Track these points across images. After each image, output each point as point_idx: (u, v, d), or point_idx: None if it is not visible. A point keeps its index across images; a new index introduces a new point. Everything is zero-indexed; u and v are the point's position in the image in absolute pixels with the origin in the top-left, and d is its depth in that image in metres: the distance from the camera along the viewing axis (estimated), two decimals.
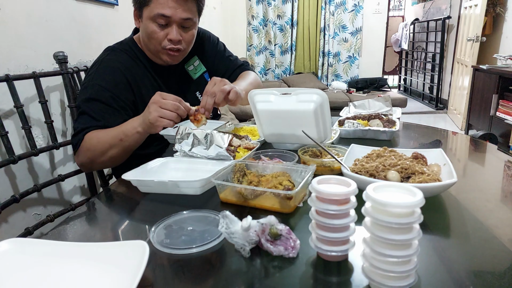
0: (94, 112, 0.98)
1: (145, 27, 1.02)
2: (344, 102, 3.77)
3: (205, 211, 0.64)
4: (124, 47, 1.11)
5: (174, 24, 1.01)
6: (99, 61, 1.07)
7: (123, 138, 0.94)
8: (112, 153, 0.95)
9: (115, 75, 1.04)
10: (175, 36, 1.02)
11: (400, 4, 7.24)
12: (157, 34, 1.01)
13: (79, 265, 0.50)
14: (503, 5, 3.69)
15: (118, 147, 0.95)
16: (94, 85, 1.01)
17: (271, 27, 4.92)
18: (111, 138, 0.94)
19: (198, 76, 1.26)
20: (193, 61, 1.26)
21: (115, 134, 0.95)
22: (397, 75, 6.68)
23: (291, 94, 0.91)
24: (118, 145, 0.94)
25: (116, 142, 0.94)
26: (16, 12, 1.17)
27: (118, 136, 0.94)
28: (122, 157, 0.99)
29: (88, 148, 0.96)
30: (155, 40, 1.03)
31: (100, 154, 0.96)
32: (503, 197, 0.72)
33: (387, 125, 1.11)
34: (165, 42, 1.03)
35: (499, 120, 3.01)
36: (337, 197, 0.47)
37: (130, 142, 0.95)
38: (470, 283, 0.45)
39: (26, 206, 1.18)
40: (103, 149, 0.95)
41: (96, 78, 1.02)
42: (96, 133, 0.96)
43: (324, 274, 0.48)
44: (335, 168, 0.79)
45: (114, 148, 0.95)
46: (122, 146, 0.95)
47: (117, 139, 0.94)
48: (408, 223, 0.41)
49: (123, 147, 0.95)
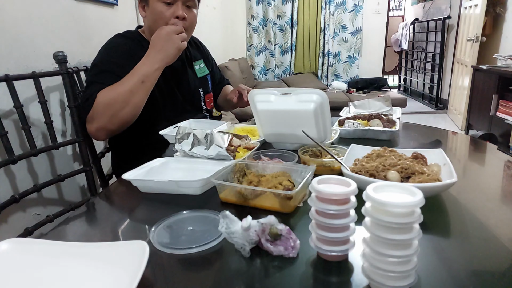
0: (102, 80, 1.02)
1: (152, 10, 1.10)
2: (344, 102, 3.76)
3: (205, 211, 0.64)
4: (130, 34, 1.20)
5: (179, 2, 1.09)
6: (107, 43, 1.15)
7: (145, 79, 0.98)
8: (136, 99, 0.99)
9: (121, 50, 1.11)
10: (181, 12, 1.09)
11: (400, 4, 7.24)
12: (164, 13, 1.09)
13: (79, 265, 0.50)
14: (503, 5, 3.69)
15: (140, 91, 0.98)
16: (101, 61, 1.09)
17: (271, 27, 4.92)
18: (131, 85, 0.97)
19: (202, 76, 1.36)
20: (200, 63, 1.37)
21: (134, 79, 0.98)
22: (397, 75, 6.68)
23: (291, 94, 0.91)
24: (141, 88, 0.98)
25: (138, 85, 0.97)
26: (16, 12, 1.17)
27: (139, 79, 0.98)
28: (143, 102, 1.02)
29: (104, 104, 0.97)
30: (163, 19, 1.09)
31: (122, 104, 0.97)
32: (503, 197, 0.72)
33: (387, 125, 1.11)
34: (172, 20, 1.10)
35: (499, 120, 3.01)
36: (337, 197, 0.47)
37: (152, 81, 1.00)
38: (470, 283, 0.45)
39: (26, 206, 1.18)
40: (125, 98, 0.97)
41: (104, 54, 1.11)
42: (110, 88, 0.98)
43: (324, 274, 0.48)
44: (335, 168, 0.79)
45: (137, 93, 0.98)
46: (145, 88, 0.99)
47: (139, 82, 0.97)
48: (408, 223, 0.41)
49: (146, 89, 1.00)
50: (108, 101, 0.97)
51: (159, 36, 1.01)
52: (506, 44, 3.67)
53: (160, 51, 1.00)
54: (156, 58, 1.00)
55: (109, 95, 0.97)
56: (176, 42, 1.01)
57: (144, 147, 1.16)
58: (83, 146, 1.23)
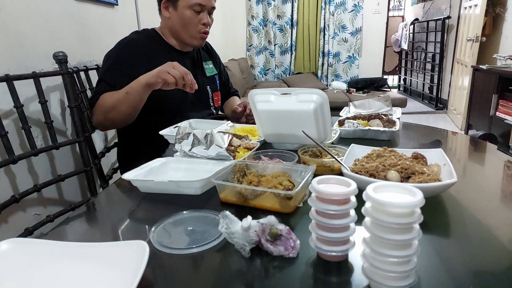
0: (111, 79, 1.14)
1: (181, 15, 1.21)
2: (344, 102, 3.76)
3: (205, 211, 0.64)
4: (146, 31, 1.29)
5: (206, 11, 1.22)
6: (123, 38, 1.24)
7: (129, 91, 1.07)
8: (121, 108, 1.09)
9: (135, 48, 1.20)
10: (208, 20, 1.23)
11: (400, 4, 7.24)
12: (193, 20, 1.21)
13: (79, 265, 0.50)
14: (503, 5, 3.69)
15: (125, 101, 1.08)
16: (115, 56, 1.19)
17: (271, 27, 4.92)
18: (119, 93, 1.09)
19: (211, 75, 1.44)
20: (209, 63, 1.46)
21: (123, 90, 1.09)
22: (397, 75, 6.68)
23: (291, 94, 0.91)
24: (125, 98, 1.08)
25: (123, 96, 1.08)
26: (16, 12, 1.17)
27: (125, 90, 1.08)
28: (129, 112, 1.11)
29: (101, 104, 1.12)
30: (192, 25, 1.22)
31: (110, 108, 1.10)
32: (503, 197, 0.72)
33: (387, 125, 1.11)
34: (199, 26, 1.23)
35: (499, 120, 3.01)
36: (337, 197, 0.47)
37: (134, 95, 1.07)
38: (470, 283, 0.45)
39: (26, 206, 1.18)
40: (113, 104, 1.09)
41: (117, 51, 1.20)
42: (110, 93, 1.12)
43: (324, 274, 0.48)
44: (335, 168, 0.79)
45: (122, 102, 1.08)
46: (128, 99, 1.07)
47: (124, 92, 1.08)
48: (408, 223, 0.41)
49: (129, 100, 1.08)
50: (102, 103, 1.11)
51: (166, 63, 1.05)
52: (506, 44, 3.67)
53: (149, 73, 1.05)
54: (145, 75, 1.05)
55: (105, 98, 1.11)
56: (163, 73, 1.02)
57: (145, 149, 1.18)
58: (83, 146, 1.23)
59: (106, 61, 1.20)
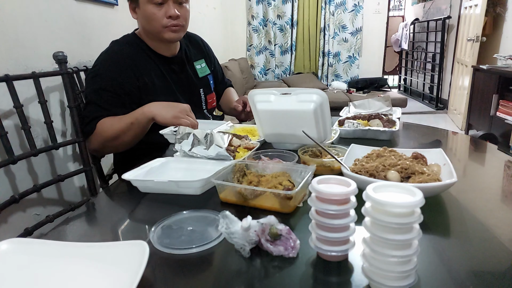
0: (102, 102, 1.07)
1: (143, 12, 1.10)
2: (344, 102, 3.76)
3: (205, 211, 0.64)
4: (126, 39, 1.19)
5: (170, 1, 1.09)
6: (104, 52, 1.15)
7: (134, 122, 1.02)
8: (124, 138, 1.04)
9: (120, 63, 1.11)
10: (173, 11, 1.09)
11: (400, 4, 7.23)
12: (156, 15, 1.09)
13: (79, 265, 0.50)
14: (503, 5, 3.69)
15: (129, 132, 1.03)
16: (101, 75, 1.09)
17: (271, 27, 4.92)
18: (122, 123, 1.03)
19: (203, 76, 1.35)
20: (201, 62, 1.36)
21: (126, 120, 1.03)
22: (397, 75, 6.67)
23: (291, 94, 0.91)
24: (129, 129, 1.03)
25: (127, 126, 1.02)
26: (16, 12, 1.17)
27: (129, 121, 1.02)
28: (133, 141, 1.07)
29: (100, 134, 1.05)
30: (155, 21, 1.10)
31: (112, 138, 1.04)
32: (503, 197, 0.72)
33: (387, 125, 1.11)
34: (164, 20, 1.10)
35: (499, 120, 3.01)
36: (337, 197, 0.47)
37: (140, 126, 1.03)
38: (470, 283, 0.45)
39: (26, 206, 1.18)
40: (115, 134, 1.04)
41: (103, 68, 1.11)
42: (108, 120, 1.05)
43: (324, 274, 0.48)
44: (335, 168, 0.79)
45: (126, 132, 1.03)
46: (133, 130, 1.03)
47: (128, 123, 1.02)
48: (408, 223, 0.41)
49: (134, 131, 1.03)
50: (101, 133, 1.05)
51: (177, 106, 1.03)
52: (506, 44, 3.67)
53: (163, 109, 1.01)
54: (156, 111, 1.01)
55: (104, 127, 1.05)
56: (178, 118, 1.00)
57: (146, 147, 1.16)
58: (83, 146, 1.23)
59: (91, 80, 1.11)
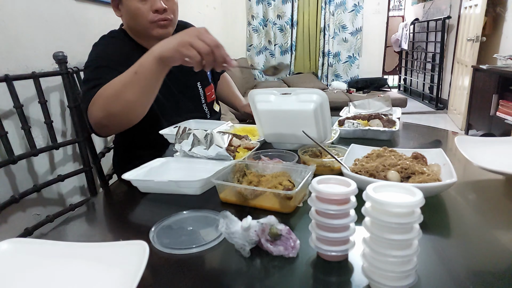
0: (100, 75, 0.92)
1: (127, 9, 1.01)
2: (344, 102, 3.76)
3: (205, 211, 0.64)
4: (116, 34, 1.11)
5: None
6: (95, 44, 1.09)
7: (138, 70, 0.79)
8: (128, 95, 0.81)
9: (113, 47, 1.04)
10: (159, 4, 0.98)
11: (400, 4, 7.23)
12: (141, 10, 0.99)
13: (79, 265, 0.50)
14: (503, 5, 3.69)
15: (133, 84, 0.80)
16: (94, 59, 1.00)
17: (271, 27, 4.92)
18: (124, 75, 0.82)
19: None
20: None
21: (129, 70, 0.81)
22: (397, 75, 6.68)
23: (291, 94, 0.91)
24: (133, 81, 0.80)
25: (130, 77, 0.80)
26: (16, 12, 1.17)
27: (133, 70, 0.80)
28: (140, 100, 0.84)
29: (100, 95, 0.85)
30: (141, 16, 1.00)
31: (113, 97, 0.82)
32: (503, 197, 0.72)
33: (387, 125, 1.11)
34: (151, 15, 1.00)
35: (499, 120, 3.01)
36: (337, 197, 0.47)
37: (146, 74, 0.79)
38: (470, 283, 0.45)
39: (26, 206, 1.18)
40: (117, 90, 0.82)
41: (94, 54, 1.03)
42: (109, 82, 0.85)
43: (324, 274, 0.48)
44: (335, 168, 0.79)
45: (130, 86, 0.80)
46: (138, 81, 0.80)
47: (131, 72, 0.80)
48: (408, 223, 0.41)
49: (139, 82, 0.80)
50: (101, 93, 0.85)
51: (189, 29, 0.78)
52: (506, 44, 3.67)
53: (168, 40, 0.79)
54: (156, 47, 0.79)
55: (105, 87, 0.85)
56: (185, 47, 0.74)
57: (145, 147, 1.15)
58: (83, 146, 1.23)
59: (87, 67, 1.01)
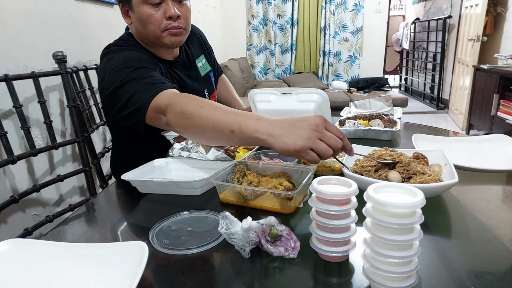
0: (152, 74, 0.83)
1: (138, 15, 0.95)
2: (345, 102, 3.76)
3: (205, 211, 0.64)
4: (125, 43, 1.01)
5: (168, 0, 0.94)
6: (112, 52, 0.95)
7: (236, 130, 0.63)
8: (208, 134, 0.68)
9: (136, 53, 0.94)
10: (173, 11, 0.93)
11: (400, 3, 7.23)
12: (154, 17, 0.94)
13: (78, 265, 0.50)
14: (504, 5, 3.68)
15: (220, 134, 0.66)
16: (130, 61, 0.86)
17: (271, 27, 4.91)
18: (221, 120, 0.65)
19: (205, 73, 1.23)
20: (201, 59, 1.22)
21: (229, 120, 0.64)
22: (398, 75, 6.67)
23: (291, 94, 0.90)
24: (223, 133, 0.65)
25: (224, 128, 0.64)
26: (15, 12, 1.17)
27: (231, 126, 0.63)
28: (209, 142, 0.75)
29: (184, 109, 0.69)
30: (153, 24, 0.94)
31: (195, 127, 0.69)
32: (504, 198, 0.72)
33: (388, 125, 1.11)
34: (164, 22, 0.95)
35: (500, 120, 3.00)
36: (337, 198, 0.46)
37: (236, 141, 0.66)
38: (471, 283, 0.44)
39: (25, 206, 1.18)
40: (204, 124, 0.67)
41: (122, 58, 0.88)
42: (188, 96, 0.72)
43: (325, 275, 0.48)
44: (335, 169, 0.79)
45: (217, 132, 0.66)
46: (225, 136, 0.65)
47: (228, 129, 0.64)
48: (409, 224, 0.40)
49: (225, 137, 0.66)
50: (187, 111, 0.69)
51: (314, 123, 0.59)
52: (507, 43, 3.67)
53: (286, 130, 0.59)
54: (269, 128, 0.60)
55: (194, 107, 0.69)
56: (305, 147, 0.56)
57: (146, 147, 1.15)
58: (83, 146, 1.23)
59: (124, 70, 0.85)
